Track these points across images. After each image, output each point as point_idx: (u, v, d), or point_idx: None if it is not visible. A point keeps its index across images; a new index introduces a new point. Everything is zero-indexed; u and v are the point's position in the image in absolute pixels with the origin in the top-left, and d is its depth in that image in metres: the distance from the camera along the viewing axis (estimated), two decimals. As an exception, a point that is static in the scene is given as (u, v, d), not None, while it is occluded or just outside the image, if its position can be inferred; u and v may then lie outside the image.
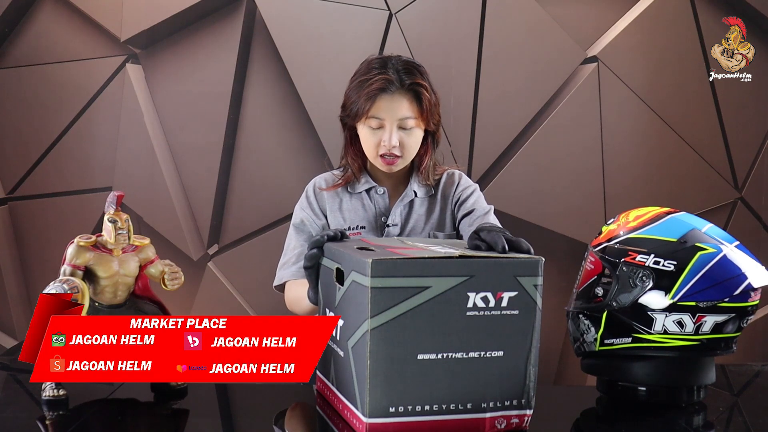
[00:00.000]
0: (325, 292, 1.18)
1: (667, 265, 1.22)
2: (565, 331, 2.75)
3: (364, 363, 0.99)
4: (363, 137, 1.67)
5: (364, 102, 1.61)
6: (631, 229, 1.28)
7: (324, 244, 1.19)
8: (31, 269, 2.73)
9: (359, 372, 1.01)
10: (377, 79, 1.61)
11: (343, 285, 1.07)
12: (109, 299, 1.24)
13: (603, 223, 1.37)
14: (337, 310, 1.11)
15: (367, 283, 0.96)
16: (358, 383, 1.01)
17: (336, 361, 1.11)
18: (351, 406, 1.04)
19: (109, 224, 1.22)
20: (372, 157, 1.67)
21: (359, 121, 1.65)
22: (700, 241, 1.22)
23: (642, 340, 1.23)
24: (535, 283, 1.02)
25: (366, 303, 0.97)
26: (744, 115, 2.81)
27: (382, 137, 1.62)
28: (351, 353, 1.04)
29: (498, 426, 1.04)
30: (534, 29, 2.70)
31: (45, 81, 2.67)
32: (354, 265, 1.02)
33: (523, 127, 2.73)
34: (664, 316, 1.22)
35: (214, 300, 2.70)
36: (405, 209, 1.71)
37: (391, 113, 1.61)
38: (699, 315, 1.20)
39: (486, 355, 1.01)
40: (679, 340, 1.22)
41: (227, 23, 2.67)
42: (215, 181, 2.70)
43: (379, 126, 1.62)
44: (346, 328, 1.06)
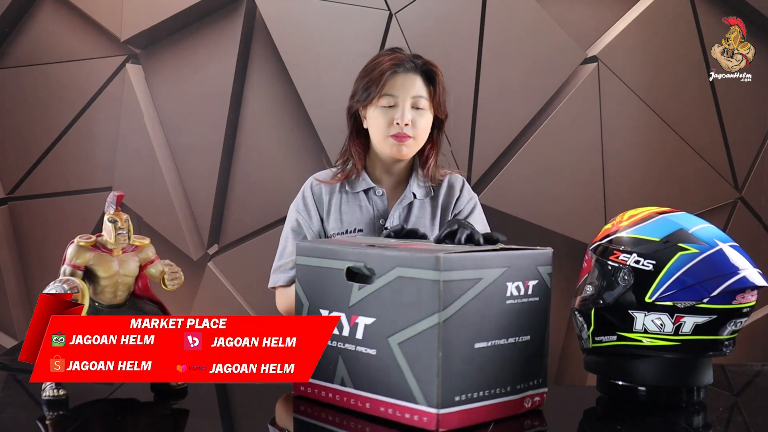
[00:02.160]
0: (320, 293, 1.16)
1: (646, 264, 1.22)
2: (565, 330, 2.76)
3: (428, 356, 1.02)
4: (373, 119, 1.65)
5: (377, 80, 1.61)
6: (621, 229, 1.29)
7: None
8: (31, 269, 2.73)
9: (418, 367, 1.03)
10: (390, 58, 1.63)
11: (371, 283, 1.08)
12: (109, 299, 1.24)
13: (603, 223, 1.38)
14: (357, 309, 1.10)
15: (435, 277, 1.02)
16: (416, 378, 1.04)
17: (356, 362, 1.10)
18: (403, 402, 1.05)
19: (109, 224, 1.22)
20: (381, 139, 1.65)
21: (371, 102, 1.64)
22: (683, 242, 1.22)
23: (626, 339, 1.24)
24: (548, 272, 1.14)
25: (433, 297, 1.02)
26: (744, 115, 2.81)
27: (395, 115, 1.61)
28: (397, 350, 1.05)
29: (526, 405, 1.14)
30: (534, 29, 2.70)
31: (45, 81, 2.67)
32: (403, 261, 1.05)
33: (523, 127, 2.73)
34: (643, 316, 1.22)
35: (214, 300, 2.70)
36: (404, 211, 1.70)
37: (405, 90, 1.62)
38: (677, 315, 1.20)
39: (518, 340, 1.11)
40: (660, 340, 1.22)
41: (227, 23, 2.67)
42: (215, 181, 2.70)
43: (391, 104, 1.62)
44: (384, 326, 1.07)
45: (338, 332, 1.12)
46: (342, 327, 1.12)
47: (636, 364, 1.25)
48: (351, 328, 1.11)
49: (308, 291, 1.18)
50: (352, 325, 1.11)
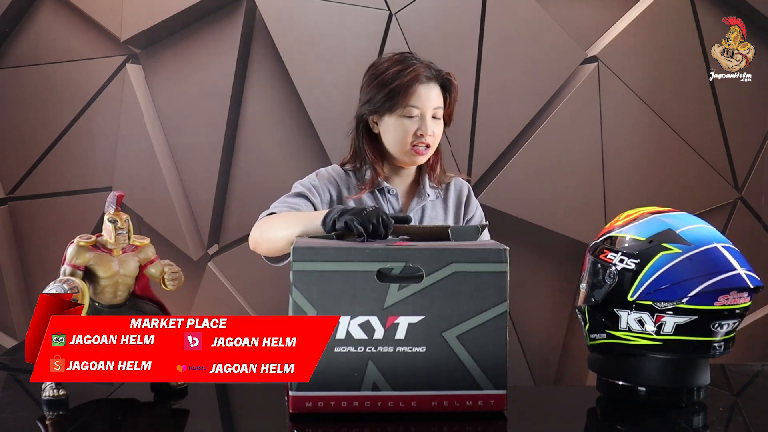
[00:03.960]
0: (335, 300, 1.10)
1: (629, 263, 1.23)
2: (565, 330, 2.77)
3: (495, 344, 1.11)
4: (392, 127, 1.64)
5: (402, 91, 1.61)
6: (615, 228, 1.30)
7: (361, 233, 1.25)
8: (31, 269, 2.73)
9: (482, 355, 1.11)
10: (413, 69, 1.63)
11: (421, 282, 1.10)
12: (109, 299, 1.24)
13: (603, 223, 1.39)
14: (397, 310, 1.10)
15: (501, 269, 1.12)
16: (480, 366, 1.11)
17: (395, 363, 1.11)
18: (464, 392, 1.12)
19: (109, 224, 1.22)
20: (401, 148, 1.64)
21: (393, 111, 1.63)
22: (667, 241, 1.22)
23: (613, 337, 1.26)
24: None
25: (499, 288, 1.11)
26: (744, 115, 2.81)
27: (419, 126, 1.62)
28: (456, 343, 1.11)
29: None
30: (534, 29, 2.70)
31: (45, 81, 2.67)
32: (460, 256, 1.11)
33: (523, 127, 2.73)
34: (626, 314, 1.23)
35: (214, 300, 2.70)
36: (419, 212, 1.71)
37: (428, 102, 1.63)
38: (658, 315, 1.20)
39: None
40: (643, 339, 1.23)
41: (227, 23, 2.67)
42: (215, 181, 2.70)
43: (413, 115, 1.62)
44: (436, 322, 1.10)
45: (366, 337, 1.10)
46: (372, 331, 1.10)
47: (631, 364, 1.25)
48: (387, 330, 1.10)
49: (316, 299, 1.10)
50: (389, 327, 1.10)
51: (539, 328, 2.75)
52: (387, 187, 1.69)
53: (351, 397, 1.11)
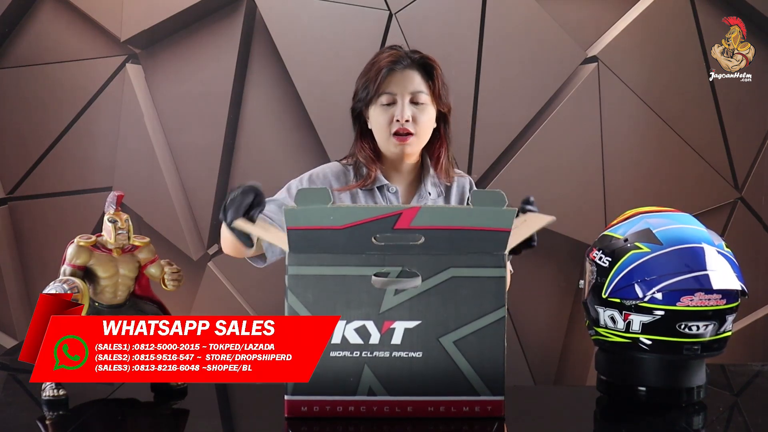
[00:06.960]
0: (331, 304, 1.10)
1: (604, 261, 1.26)
2: (565, 330, 2.76)
3: (493, 349, 1.09)
4: (374, 118, 1.64)
5: (374, 78, 1.61)
6: (610, 227, 1.33)
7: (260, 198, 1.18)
8: (31, 269, 2.73)
9: (479, 360, 1.09)
10: (387, 55, 1.63)
11: (414, 286, 1.09)
12: (109, 299, 1.24)
13: (603, 223, 1.40)
14: (393, 315, 1.09)
15: (500, 273, 1.09)
16: (477, 371, 1.10)
17: (391, 368, 1.10)
18: (460, 398, 1.10)
19: (109, 224, 1.22)
20: (384, 138, 1.63)
21: (371, 102, 1.63)
22: (640, 240, 1.23)
23: (597, 333, 1.29)
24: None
25: (498, 292, 1.09)
26: (744, 115, 2.81)
27: (394, 112, 1.60)
28: (453, 348, 1.09)
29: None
30: (534, 29, 2.70)
31: (45, 81, 2.67)
32: (458, 261, 1.08)
33: (523, 127, 2.73)
34: (603, 311, 1.26)
35: (214, 300, 2.70)
36: None
37: (403, 86, 1.61)
38: (625, 313, 1.22)
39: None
40: (616, 336, 1.25)
41: (227, 23, 2.67)
42: (215, 181, 2.70)
43: (390, 102, 1.61)
44: (432, 327, 1.09)
45: (362, 341, 1.09)
46: (368, 335, 1.09)
47: (628, 364, 1.26)
48: (383, 335, 1.09)
49: (312, 303, 1.09)
50: (385, 332, 1.09)
51: (539, 329, 2.75)
52: (386, 184, 1.68)
53: (346, 402, 1.11)
